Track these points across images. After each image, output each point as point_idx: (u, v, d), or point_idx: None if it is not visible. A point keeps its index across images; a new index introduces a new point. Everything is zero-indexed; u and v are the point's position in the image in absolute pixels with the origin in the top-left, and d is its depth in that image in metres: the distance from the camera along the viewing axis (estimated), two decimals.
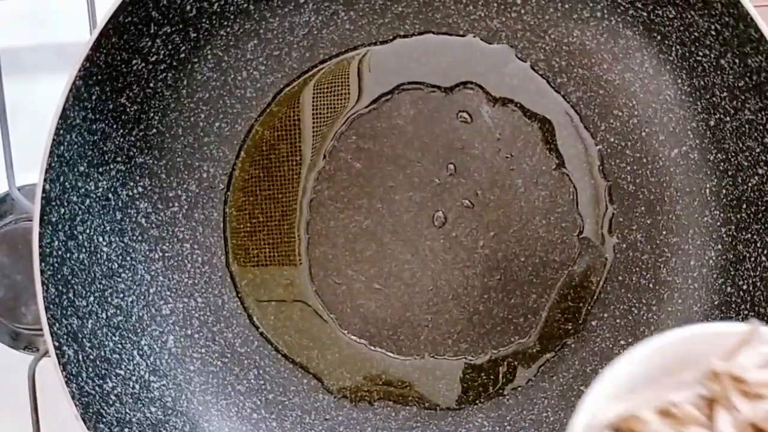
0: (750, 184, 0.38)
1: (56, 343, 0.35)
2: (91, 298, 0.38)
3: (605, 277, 0.41)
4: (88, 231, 0.38)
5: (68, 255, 0.37)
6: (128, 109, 0.39)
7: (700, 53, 0.38)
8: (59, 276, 0.36)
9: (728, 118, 0.38)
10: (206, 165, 0.41)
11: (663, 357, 0.28)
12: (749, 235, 0.38)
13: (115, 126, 0.39)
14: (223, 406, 0.41)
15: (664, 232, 0.40)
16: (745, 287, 0.38)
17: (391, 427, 0.42)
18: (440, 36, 0.41)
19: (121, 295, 0.39)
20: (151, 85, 0.39)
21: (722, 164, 0.39)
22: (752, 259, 0.38)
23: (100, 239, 0.39)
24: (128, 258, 0.40)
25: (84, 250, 0.38)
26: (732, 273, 0.39)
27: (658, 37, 0.39)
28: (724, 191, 0.39)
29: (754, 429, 0.26)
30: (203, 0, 0.38)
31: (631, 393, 0.27)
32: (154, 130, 0.40)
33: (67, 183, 0.37)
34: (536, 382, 0.42)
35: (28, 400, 0.42)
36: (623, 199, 0.40)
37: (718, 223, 0.39)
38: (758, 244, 0.38)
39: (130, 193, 0.40)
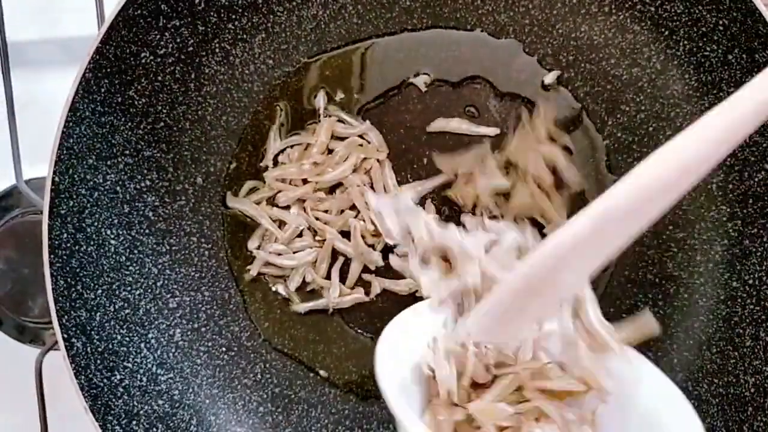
0: (757, 179, 0.38)
1: (65, 335, 0.35)
2: (99, 291, 0.38)
3: (611, 272, 0.41)
4: (96, 224, 0.38)
5: (77, 247, 0.37)
6: (137, 102, 0.39)
7: (708, 48, 0.38)
8: (68, 268, 0.36)
9: None
10: (213, 159, 0.41)
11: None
12: (755, 230, 0.38)
13: (123, 119, 0.39)
14: (229, 400, 0.41)
15: (670, 227, 0.40)
16: (751, 282, 0.39)
17: None
18: (448, 30, 0.41)
19: (129, 288, 0.39)
20: (160, 78, 0.39)
21: (729, 159, 0.39)
22: (758, 254, 0.38)
23: (108, 232, 0.39)
24: (136, 251, 0.40)
25: (92, 243, 0.38)
26: (738, 268, 0.39)
27: (666, 33, 0.39)
28: (730, 186, 0.39)
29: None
30: None
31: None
32: (162, 124, 0.40)
33: (76, 175, 0.37)
34: None
35: (35, 393, 0.42)
36: None
37: (725, 218, 0.39)
38: (764, 239, 0.38)
39: (138, 186, 0.40)
